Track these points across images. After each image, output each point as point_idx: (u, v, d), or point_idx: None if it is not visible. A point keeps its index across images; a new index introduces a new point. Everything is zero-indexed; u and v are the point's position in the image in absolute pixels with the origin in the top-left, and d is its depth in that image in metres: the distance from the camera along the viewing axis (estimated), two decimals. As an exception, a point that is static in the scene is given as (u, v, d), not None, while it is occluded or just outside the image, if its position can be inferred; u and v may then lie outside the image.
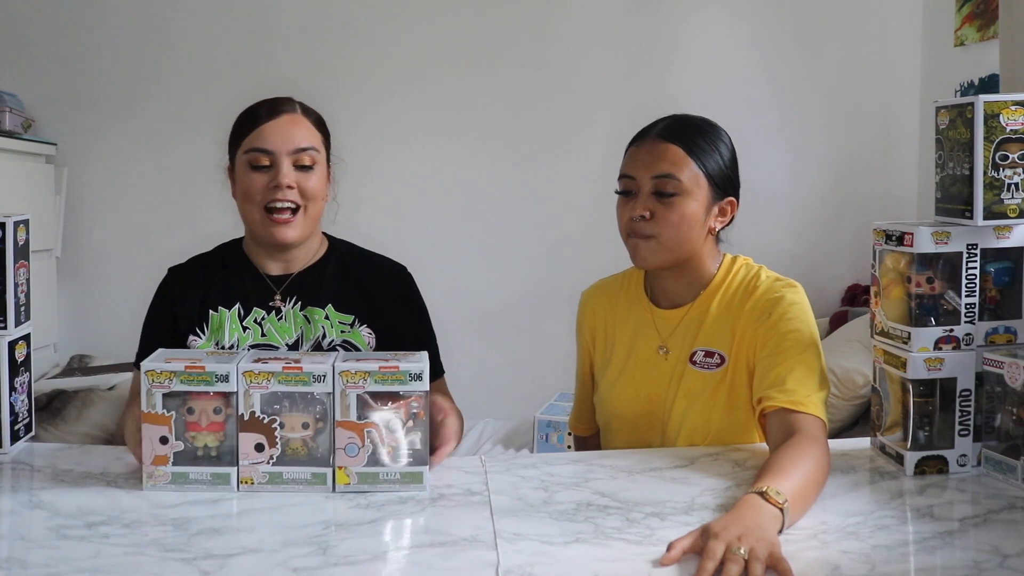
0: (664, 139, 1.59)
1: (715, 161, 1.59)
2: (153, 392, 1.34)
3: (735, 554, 1.09)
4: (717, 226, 1.62)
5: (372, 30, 3.55)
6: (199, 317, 1.70)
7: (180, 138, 3.52)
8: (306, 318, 1.70)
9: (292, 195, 1.65)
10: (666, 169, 1.57)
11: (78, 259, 3.60)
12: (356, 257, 1.78)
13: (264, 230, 1.67)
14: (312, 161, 1.67)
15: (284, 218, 1.65)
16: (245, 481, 1.36)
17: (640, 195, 1.59)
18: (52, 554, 1.15)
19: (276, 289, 1.71)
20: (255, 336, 1.68)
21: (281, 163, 1.64)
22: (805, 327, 1.55)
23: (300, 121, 1.69)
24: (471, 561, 1.13)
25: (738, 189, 1.65)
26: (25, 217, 1.58)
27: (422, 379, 1.34)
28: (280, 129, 1.66)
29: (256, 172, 1.65)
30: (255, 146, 1.65)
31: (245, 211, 1.69)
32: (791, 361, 1.50)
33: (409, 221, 3.52)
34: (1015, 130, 1.38)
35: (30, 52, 3.54)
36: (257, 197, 1.65)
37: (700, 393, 1.61)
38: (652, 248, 1.59)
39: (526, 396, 3.28)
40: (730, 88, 3.51)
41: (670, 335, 1.66)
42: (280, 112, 1.68)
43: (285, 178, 1.64)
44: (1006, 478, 1.40)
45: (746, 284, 1.62)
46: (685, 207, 1.57)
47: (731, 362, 1.60)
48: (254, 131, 1.66)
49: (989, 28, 3.10)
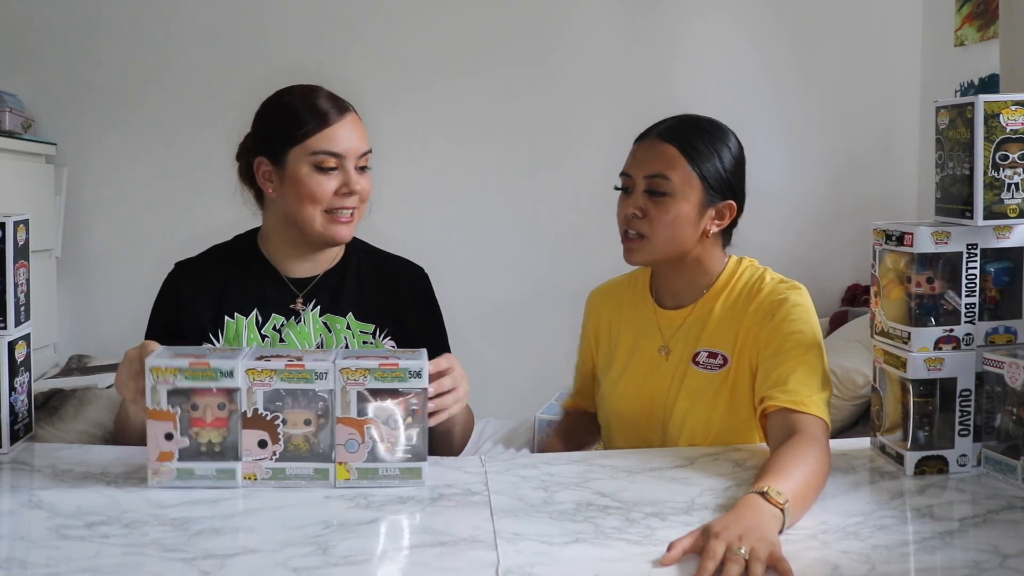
0: (662, 139, 1.61)
1: (712, 163, 1.59)
2: (158, 389, 1.34)
3: (736, 554, 1.09)
4: (713, 228, 1.62)
5: (373, 32, 3.55)
6: (213, 323, 1.66)
7: (180, 138, 3.52)
8: (326, 326, 1.67)
9: (354, 200, 1.63)
10: (658, 169, 1.59)
11: (78, 259, 3.59)
12: (375, 259, 1.76)
13: (325, 230, 1.63)
14: (367, 163, 1.67)
15: (346, 218, 1.64)
16: (249, 477, 1.36)
17: (635, 193, 1.61)
18: (52, 554, 1.14)
19: (298, 292, 1.68)
20: (273, 344, 1.66)
21: (349, 167, 1.62)
22: (809, 328, 1.55)
23: (358, 122, 1.66)
24: (471, 561, 1.13)
25: (739, 192, 1.65)
26: (25, 217, 1.58)
27: (421, 376, 1.35)
28: (349, 130, 1.63)
29: (322, 174, 1.61)
30: (325, 148, 1.60)
31: (303, 211, 1.62)
32: (793, 362, 1.50)
33: (410, 221, 3.52)
34: (1015, 130, 1.38)
35: (30, 52, 3.54)
36: (324, 200, 1.61)
37: (702, 393, 1.61)
38: (641, 246, 1.61)
39: (526, 396, 3.28)
40: (730, 88, 3.51)
41: (673, 335, 1.66)
42: (344, 112, 1.64)
43: (356, 183, 1.62)
44: (1006, 478, 1.40)
45: (751, 286, 1.63)
46: (675, 207, 1.58)
47: (734, 363, 1.60)
48: (322, 131, 1.61)
49: (989, 28, 3.10)
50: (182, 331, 1.66)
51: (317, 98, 1.64)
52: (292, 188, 1.62)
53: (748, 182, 1.68)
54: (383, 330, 1.69)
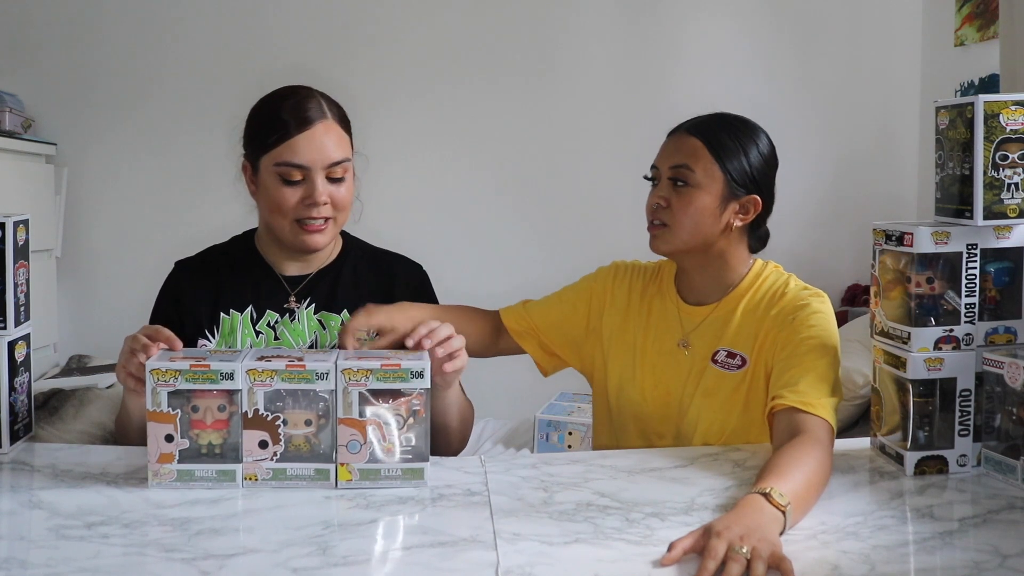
0: (690, 133, 1.65)
1: (737, 158, 1.63)
2: (158, 391, 1.34)
3: (737, 553, 1.09)
4: (736, 222, 1.64)
5: (374, 34, 3.55)
6: (209, 320, 1.67)
7: (180, 138, 3.52)
8: (320, 323, 1.68)
9: (326, 210, 1.60)
10: (682, 160, 1.63)
11: (78, 259, 3.59)
12: (371, 257, 1.76)
13: (295, 238, 1.62)
14: (344, 172, 1.61)
15: (316, 226, 1.61)
16: (249, 477, 1.36)
17: (661, 184, 1.65)
18: (52, 554, 1.14)
19: (291, 290, 1.69)
20: (268, 340, 1.66)
21: (315, 179, 1.58)
22: (826, 335, 1.55)
23: (331, 129, 1.61)
24: (471, 561, 1.13)
25: (765, 189, 1.67)
26: (25, 217, 1.58)
27: (423, 377, 1.35)
28: (314, 142, 1.58)
29: (287, 186, 1.59)
30: (287, 160, 1.58)
31: (273, 220, 1.63)
32: (807, 365, 1.51)
33: (410, 222, 3.51)
34: (1015, 130, 1.38)
35: (30, 52, 3.54)
36: (290, 212, 1.60)
37: (718, 392, 1.62)
38: (664, 233, 1.64)
39: (526, 396, 3.27)
40: (730, 88, 3.51)
41: (693, 330, 1.67)
42: (311, 122, 1.58)
43: (320, 195, 1.58)
44: (1006, 478, 1.40)
45: (774, 290, 1.64)
46: (697, 198, 1.61)
47: (752, 365, 1.61)
48: (284, 143, 1.58)
49: (989, 28, 3.10)
50: (182, 327, 1.67)
51: (284, 108, 1.60)
52: (263, 196, 1.63)
53: None
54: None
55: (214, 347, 1.66)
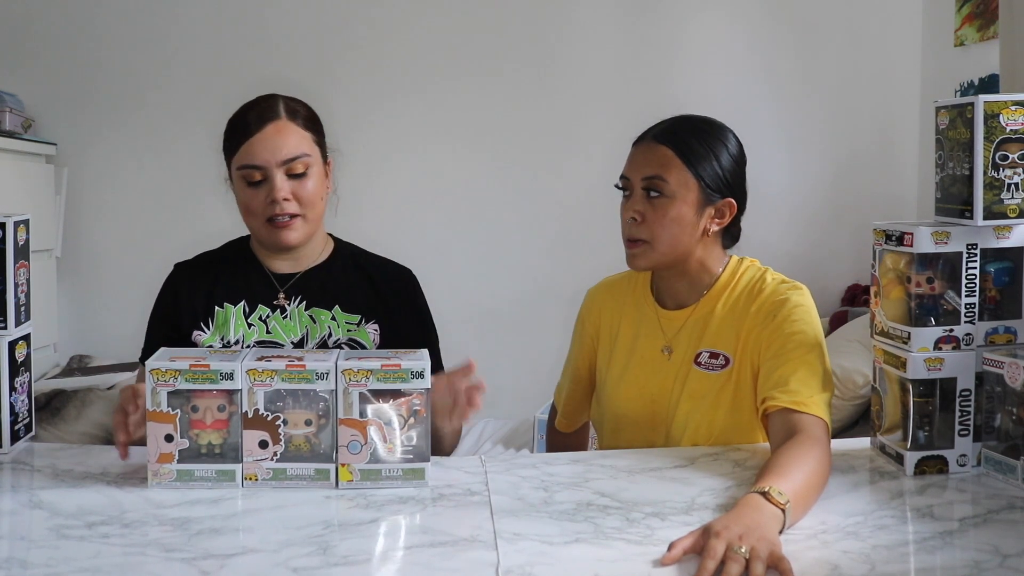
0: (658, 141, 1.61)
1: (709, 163, 1.59)
2: (158, 391, 1.34)
3: (736, 553, 1.09)
4: (713, 227, 1.62)
5: (372, 32, 3.55)
6: (204, 312, 1.71)
7: (180, 138, 3.52)
8: (311, 318, 1.71)
9: (290, 206, 1.64)
10: (654, 171, 1.59)
11: (78, 259, 3.59)
12: (362, 260, 1.79)
13: (269, 237, 1.68)
14: (305, 167, 1.65)
15: (285, 222, 1.65)
16: (249, 477, 1.36)
17: (633, 196, 1.62)
18: (52, 554, 1.15)
19: (280, 288, 1.72)
20: (260, 333, 1.69)
21: (274, 176, 1.63)
22: (810, 329, 1.55)
23: (285, 128, 1.65)
24: (471, 561, 1.13)
25: (738, 190, 1.65)
26: (25, 217, 1.58)
27: (423, 377, 1.35)
28: (267, 142, 1.63)
29: (252, 188, 1.65)
30: (245, 163, 1.64)
31: (248, 222, 1.70)
32: (795, 362, 1.51)
33: (409, 222, 3.52)
34: (1015, 130, 1.39)
35: (30, 52, 3.54)
36: (259, 212, 1.65)
37: (705, 394, 1.61)
38: (644, 251, 1.61)
39: (526, 396, 3.27)
40: (730, 88, 3.51)
41: (675, 335, 1.66)
42: (264, 122, 1.64)
43: (280, 192, 1.63)
44: (1006, 478, 1.40)
45: (752, 286, 1.63)
46: (673, 209, 1.58)
47: (736, 364, 1.60)
48: (243, 146, 1.64)
49: (989, 28, 3.10)
50: (179, 322, 1.71)
51: (247, 115, 1.67)
52: (237, 200, 1.70)
53: (748, 182, 1.68)
54: (368, 320, 1.71)
55: (208, 337, 1.68)
